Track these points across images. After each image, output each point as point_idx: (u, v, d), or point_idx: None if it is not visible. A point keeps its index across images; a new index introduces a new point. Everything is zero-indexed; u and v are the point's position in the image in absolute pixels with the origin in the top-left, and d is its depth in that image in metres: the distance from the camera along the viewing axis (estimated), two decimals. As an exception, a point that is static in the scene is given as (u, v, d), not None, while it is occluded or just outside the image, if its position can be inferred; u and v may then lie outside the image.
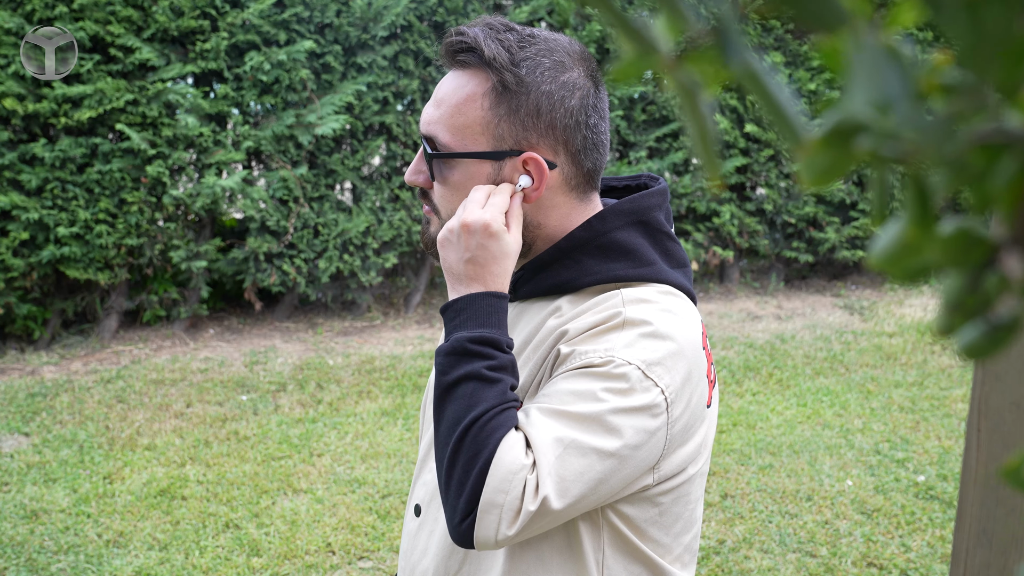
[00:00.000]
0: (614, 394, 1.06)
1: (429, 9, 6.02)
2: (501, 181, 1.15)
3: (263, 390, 4.99)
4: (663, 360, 1.10)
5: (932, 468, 4.06)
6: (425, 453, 1.32)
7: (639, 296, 1.14)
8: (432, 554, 1.24)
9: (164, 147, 5.52)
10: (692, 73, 0.37)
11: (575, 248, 1.18)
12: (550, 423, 1.06)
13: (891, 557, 3.35)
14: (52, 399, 4.80)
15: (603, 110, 1.18)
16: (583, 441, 1.05)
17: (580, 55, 1.17)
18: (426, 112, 1.18)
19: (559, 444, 1.05)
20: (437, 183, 1.18)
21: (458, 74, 1.16)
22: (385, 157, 6.25)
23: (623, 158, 6.76)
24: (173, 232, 5.73)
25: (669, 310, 1.15)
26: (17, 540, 3.44)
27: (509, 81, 1.12)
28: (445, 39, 1.17)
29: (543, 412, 1.07)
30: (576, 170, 1.17)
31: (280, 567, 3.32)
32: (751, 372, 5.30)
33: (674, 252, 1.22)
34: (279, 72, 5.66)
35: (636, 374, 1.07)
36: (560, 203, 1.18)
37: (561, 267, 1.18)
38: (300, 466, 4.09)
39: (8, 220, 5.39)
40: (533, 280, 1.21)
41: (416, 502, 1.30)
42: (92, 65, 5.34)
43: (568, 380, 1.09)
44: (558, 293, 1.19)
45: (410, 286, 6.54)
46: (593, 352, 1.09)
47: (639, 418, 1.07)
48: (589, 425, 1.06)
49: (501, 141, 1.14)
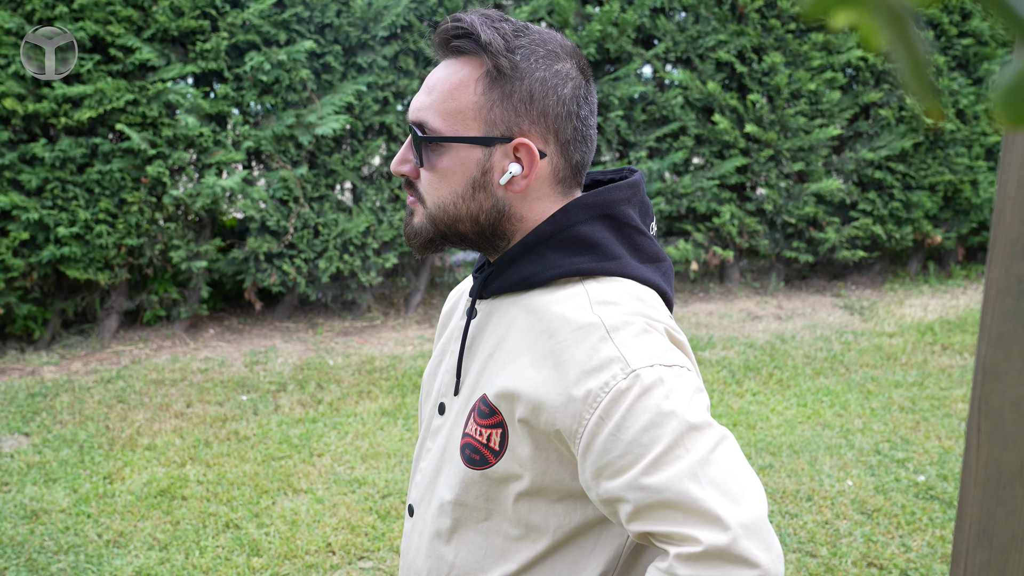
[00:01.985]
0: (669, 399, 1.05)
1: (429, 9, 6.02)
2: (490, 168, 1.14)
3: (263, 390, 4.99)
4: (662, 344, 1.11)
5: (932, 468, 4.06)
6: (417, 454, 1.32)
7: (605, 298, 1.12)
8: (424, 555, 1.25)
9: (164, 147, 5.52)
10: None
11: (539, 242, 1.16)
12: (659, 485, 1.02)
13: (891, 557, 3.35)
14: (52, 399, 4.80)
15: (593, 104, 1.18)
16: (695, 459, 1.03)
17: (571, 49, 1.17)
18: (416, 99, 1.17)
19: (687, 495, 1.01)
20: (424, 170, 1.17)
21: (451, 62, 1.16)
22: (385, 157, 6.25)
23: (623, 158, 6.75)
24: (173, 232, 5.73)
25: (639, 297, 1.15)
26: (17, 540, 3.44)
27: (504, 66, 1.12)
28: (440, 26, 1.16)
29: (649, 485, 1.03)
30: (564, 162, 1.16)
31: (280, 567, 3.32)
32: (751, 372, 5.30)
33: (644, 246, 1.19)
34: (279, 72, 5.66)
35: (664, 371, 1.07)
36: (545, 195, 1.17)
37: (526, 261, 1.17)
38: (300, 466, 4.09)
39: (8, 220, 5.39)
40: (502, 276, 1.19)
41: (410, 502, 1.31)
42: (92, 65, 5.34)
43: (621, 430, 1.05)
44: (524, 288, 1.18)
45: (410, 286, 6.54)
46: (611, 379, 1.06)
47: (698, 394, 1.08)
48: (685, 442, 1.04)
49: (493, 127, 1.13)
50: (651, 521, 1.03)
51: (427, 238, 1.19)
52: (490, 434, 1.15)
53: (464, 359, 1.24)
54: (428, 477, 1.26)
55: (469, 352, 1.23)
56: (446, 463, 1.23)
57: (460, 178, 1.15)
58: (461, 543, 1.20)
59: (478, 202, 1.15)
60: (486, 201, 1.15)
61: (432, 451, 1.27)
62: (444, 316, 1.41)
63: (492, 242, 1.19)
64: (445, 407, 1.26)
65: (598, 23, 6.38)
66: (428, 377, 1.35)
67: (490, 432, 1.15)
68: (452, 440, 1.22)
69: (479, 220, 1.16)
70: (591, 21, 6.47)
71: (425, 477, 1.27)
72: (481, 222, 1.16)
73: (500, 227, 1.17)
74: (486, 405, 1.16)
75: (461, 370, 1.23)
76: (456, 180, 1.15)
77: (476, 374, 1.21)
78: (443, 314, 1.41)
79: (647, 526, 1.03)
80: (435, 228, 1.18)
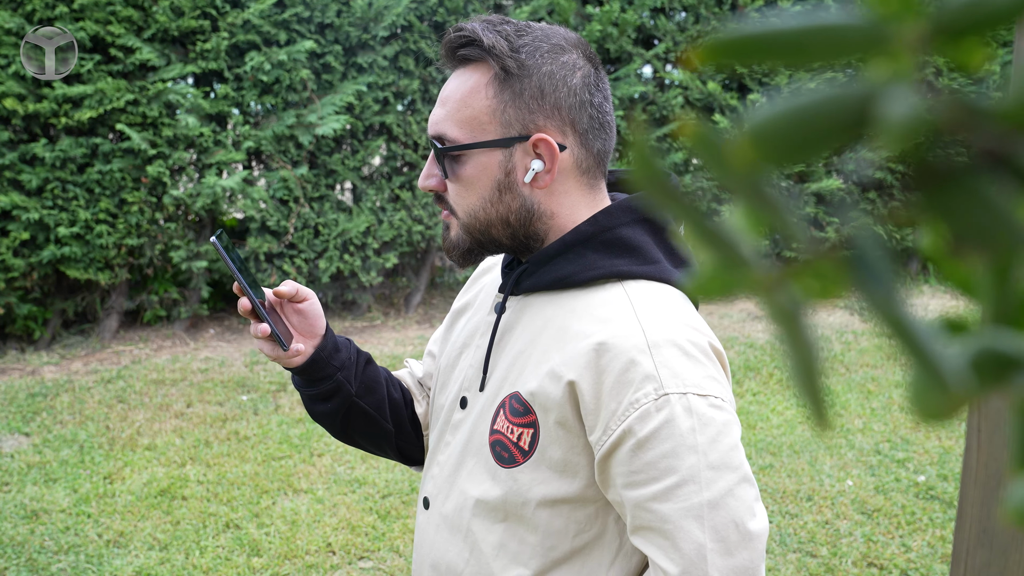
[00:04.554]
0: (695, 432, 1.06)
1: (429, 9, 6.02)
2: (512, 168, 1.15)
3: (263, 390, 4.99)
4: (707, 370, 1.11)
5: (932, 468, 4.06)
6: (434, 446, 1.32)
7: (649, 307, 1.12)
8: (440, 549, 1.24)
9: (164, 147, 5.52)
10: (795, 292, 0.29)
11: (579, 242, 1.17)
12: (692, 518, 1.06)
13: (891, 557, 3.35)
14: (52, 399, 4.80)
15: (606, 91, 1.18)
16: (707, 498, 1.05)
17: (576, 40, 1.18)
18: (433, 114, 1.18)
19: (685, 532, 1.05)
20: (450, 181, 1.17)
21: (460, 71, 1.17)
22: (385, 157, 6.25)
23: (623, 158, 6.75)
24: (173, 232, 5.73)
25: (680, 307, 1.15)
26: (17, 540, 3.44)
27: (511, 67, 1.13)
28: (444, 39, 1.17)
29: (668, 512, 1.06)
30: (586, 152, 1.16)
31: (280, 567, 3.32)
32: (751, 372, 5.30)
33: (678, 250, 1.21)
34: (279, 72, 5.66)
35: (696, 401, 1.07)
36: (571, 188, 1.17)
37: (565, 261, 1.17)
38: (300, 466, 4.09)
39: (8, 220, 5.39)
40: (537, 274, 1.19)
41: (425, 494, 1.30)
42: (92, 65, 5.34)
43: (642, 449, 1.06)
44: (560, 288, 1.18)
45: (410, 286, 6.54)
46: (642, 397, 1.07)
47: (726, 429, 1.08)
48: (700, 479, 1.05)
49: (509, 127, 1.14)
50: (644, 540, 1.08)
51: (465, 248, 1.20)
52: (521, 432, 1.15)
53: (492, 355, 1.23)
54: (448, 470, 1.26)
55: (497, 347, 1.23)
56: (470, 458, 1.22)
57: (485, 183, 1.15)
58: (479, 540, 1.20)
59: (506, 204, 1.16)
60: (514, 202, 1.16)
61: (452, 445, 1.26)
62: (473, 280, 1.42)
63: (527, 244, 1.19)
64: (467, 401, 1.26)
65: (598, 23, 6.38)
66: (446, 366, 1.34)
67: (521, 431, 1.15)
68: (477, 435, 1.22)
69: (510, 222, 1.17)
70: (591, 21, 6.47)
71: (444, 470, 1.26)
72: (512, 224, 1.17)
73: (532, 228, 1.18)
74: (519, 403, 1.15)
75: (488, 365, 1.23)
76: (482, 186, 1.15)
77: (505, 370, 1.20)
78: (473, 278, 1.43)
79: (639, 543, 1.09)
80: (471, 237, 1.19)
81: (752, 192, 0.29)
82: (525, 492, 1.15)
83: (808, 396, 0.30)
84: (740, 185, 0.30)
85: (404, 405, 1.43)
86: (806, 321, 0.29)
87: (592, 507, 1.14)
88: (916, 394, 0.28)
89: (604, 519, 1.15)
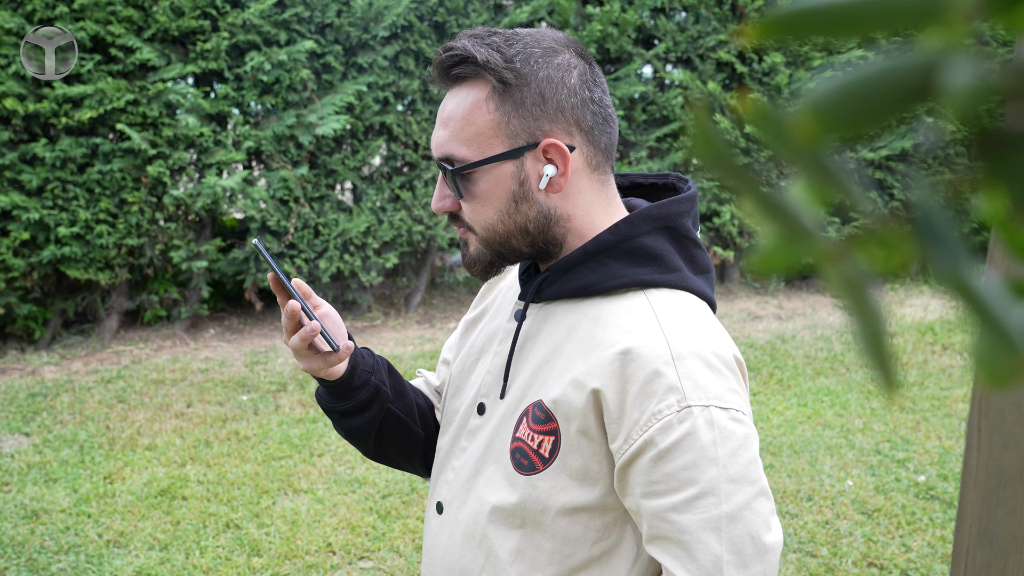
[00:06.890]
0: (716, 445, 1.07)
1: (430, 9, 6.02)
2: (526, 178, 1.15)
3: (264, 390, 4.99)
4: (728, 383, 1.11)
5: (933, 468, 4.06)
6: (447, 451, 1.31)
7: (673, 317, 1.13)
8: (454, 555, 1.24)
9: (164, 147, 5.52)
10: (861, 263, 0.30)
11: (602, 251, 1.17)
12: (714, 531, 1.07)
13: (892, 557, 3.35)
14: (52, 399, 4.80)
15: (603, 84, 1.19)
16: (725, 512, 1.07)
17: (565, 40, 1.18)
18: (435, 137, 1.18)
19: (702, 544, 1.06)
20: (464, 201, 1.18)
21: (457, 90, 1.17)
22: (386, 157, 6.26)
23: (623, 158, 6.75)
24: (174, 232, 5.73)
25: (703, 316, 1.16)
26: (17, 540, 3.44)
27: (508, 78, 1.13)
28: (435, 60, 1.17)
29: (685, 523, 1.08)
30: (594, 149, 1.17)
31: (280, 567, 3.32)
32: (752, 372, 5.30)
33: (698, 258, 1.21)
34: (280, 72, 5.66)
35: (718, 414, 1.08)
36: (585, 187, 1.18)
37: (587, 270, 1.18)
38: (300, 466, 4.09)
39: (9, 220, 5.39)
40: (558, 282, 1.20)
41: (438, 499, 1.30)
42: (92, 65, 5.34)
43: (663, 459, 1.08)
44: (583, 296, 1.19)
45: (411, 286, 6.54)
46: (665, 408, 1.08)
47: (746, 443, 1.09)
48: (719, 492, 1.07)
49: (515, 138, 1.14)
50: (660, 550, 1.09)
51: (487, 262, 1.20)
52: (542, 440, 1.15)
53: (512, 362, 1.23)
54: (464, 476, 1.25)
55: (518, 355, 1.23)
56: (488, 464, 1.22)
57: (501, 196, 1.16)
58: (495, 546, 1.20)
59: (523, 213, 1.16)
60: (530, 210, 1.16)
61: (469, 451, 1.26)
62: (488, 288, 1.42)
63: (547, 250, 1.20)
64: (486, 407, 1.26)
65: (598, 23, 6.38)
66: (462, 370, 1.34)
67: (542, 439, 1.15)
68: (497, 442, 1.21)
69: (528, 230, 1.17)
70: (591, 21, 6.47)
71: (460, 476, 1.26)
72: (531, 232, 1.17)
73: (550, 233, 1.18)
74: (542, 411, 1.16)
75: (508, 373, 1.23)
76: (497, 199, 1.16)
77: (528, 378, 1.20)
78: (487, 286, 1.42)
79: (656, 552, 1.10)
80: (491, 251, 1.19)
81: (816, 165, 0.30)
82: (544, 499, 1.15)
83: (877, 363, 0.30)
84: (803, 158, 0.30)
85: (429, 410, 1.42)
86: (872, 290, 0.29)
87: (611, 515, 1.15)
88: (984, 359, 0.28)
89: (622, 528, 1.15)
